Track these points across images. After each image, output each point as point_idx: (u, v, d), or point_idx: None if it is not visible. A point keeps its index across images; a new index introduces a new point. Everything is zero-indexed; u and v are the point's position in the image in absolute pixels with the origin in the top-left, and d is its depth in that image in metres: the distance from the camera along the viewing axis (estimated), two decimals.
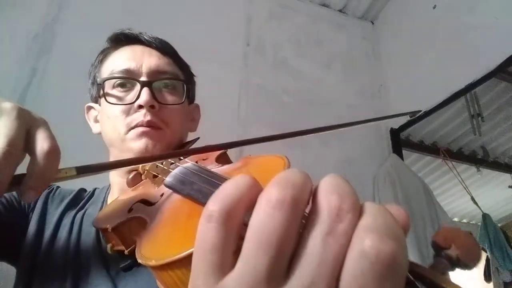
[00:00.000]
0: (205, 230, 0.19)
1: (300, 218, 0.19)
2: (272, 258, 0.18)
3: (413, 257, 1.90)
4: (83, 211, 0.65)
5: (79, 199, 0.69)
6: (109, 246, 0.49)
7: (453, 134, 3.11)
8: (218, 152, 0.51)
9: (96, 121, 0.69)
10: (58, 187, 0.70)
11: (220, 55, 1.95)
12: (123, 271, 0.53)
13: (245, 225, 0.20)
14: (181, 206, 0.39)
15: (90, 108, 0.71)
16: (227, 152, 0.54)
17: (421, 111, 0.40)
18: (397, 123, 2.17)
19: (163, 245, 0.34)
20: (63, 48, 1.62)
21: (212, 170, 0.42)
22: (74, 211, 0.65)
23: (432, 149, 3.08)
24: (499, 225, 3.69)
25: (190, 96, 0.73)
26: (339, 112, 2.12)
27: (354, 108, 2.18)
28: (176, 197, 0.41)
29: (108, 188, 0.70)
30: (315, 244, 0.18)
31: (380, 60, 2.40)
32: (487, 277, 3.14)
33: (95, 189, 0.73)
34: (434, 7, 2.00)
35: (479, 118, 2.67)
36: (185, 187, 0.39)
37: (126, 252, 0.46)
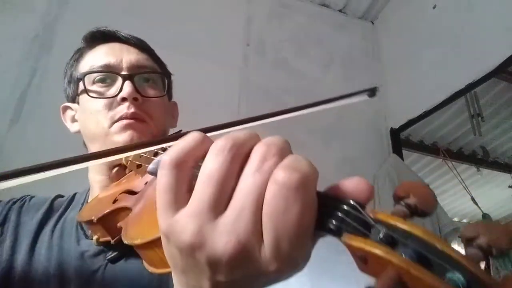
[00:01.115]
0: (159, 176, 0.25)
1: (238, 161, 0.24)
2: (214, 191, 0.23)
3: None
4: (64, 216, 0.64)
5: (57, 205, 0.67)
6: (95, 238, 0.50)
7: (453, 134, 3.11)
8: None
9: (73, 120, 0.68)
10: (32, 197, 0.69)
11: (220, 55, 1.95)
12: (111, 263, 0.53)
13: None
14: None
15: (66, 108, 0.70)
16: None
17: (377, 87, 0.40)
18: (397, 123, 2.17)
19: (147, 225, 0.35)
20: (63, 48, 1.62)
21: None
22: (54, 218, 0.63)
23: (432, 149, 3.08)
24: None
25: (169, 92, 0.73)
26: (339, 112, 2.12)
27: (354, 108, 2.18)
28: None
29: (88, 190, 0.69)
30: (246, 179, 0.23)
31: (380, 60, 2.40)
32: None
33: (75, 194, 0.72)
34: (434, 7, 2.00)
35: (479, 118, 2.67)
36: None
37: (112, 241, 0.47)
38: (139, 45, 0.68)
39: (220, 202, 0.23)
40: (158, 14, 1.89)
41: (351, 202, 0.23)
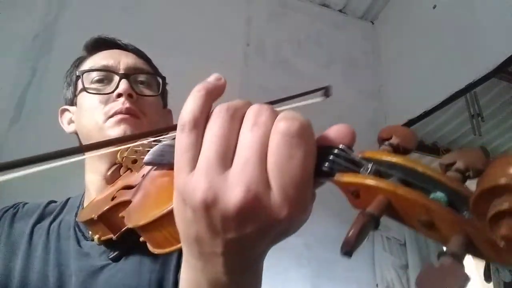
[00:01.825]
0: (180, 137, 0.27)
1: (237, 120, 0.26)
2: (218, 147, 0.25)
3: (413, 257, 1.91)
4: (58, 219, 0.65)
5: (51, 210, 0.68)
6: (96, 237, 0.50)
7: (453, 134, 3.11)
8: None
9: (70, 122, 0.70)
10: (25, 203, 0.70)
11: (220, 55, 1.95)
12: (113, 261, 0.55)
13: None
14: (162, 177, 0.41)
15: (64, 111, 0.72)
16: None
17: (329, 86, 0.40)
18: (397, 123, 2.17)
19: (150, 207, 0.36)
20: (63, 48, 1.62)
21: None
22: (47, 222, 0.64)
23: (432, 149, 3.08)
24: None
25: (164, 97, 0.74)
26: (339, 112, 2.12)
27: (354, 108, 2.18)
28: (156, 173, 0.44)
29: (83, 193, 0.69)
30: (246, 134, 0.25)
31: (380, 60, 2.40)
32: (487, 277, 3.13)
33: (68, 199, 0.72)
34: (434, 7, 2.00)
35: (479, 118, 2.67)
36: (165, 157, 0.41)
37: (114, 238, 0.48)
38: (137, 52, 0.71)
39: (225, 156, 0.25)
40: (158, 14, 1.89)
41: (340, 146, 0.25)
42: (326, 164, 0.25)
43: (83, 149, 0.39)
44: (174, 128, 0.41)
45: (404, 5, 2.29)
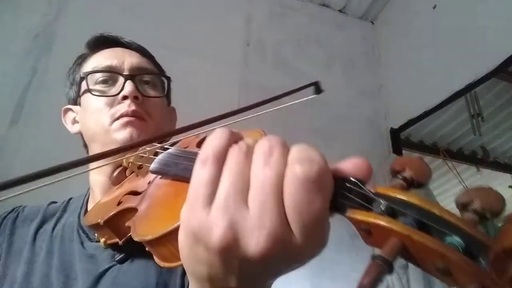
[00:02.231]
0: (200, 171, 0.26)
1: (249, 159, 0.26)
2: (237, 186, 0.25)
3: None
4: (62, 222, 0.65)
5: (52, 212, 0.67)
6: (102, 241, 0.50)
7: (453, 134, 3.11)
8: (198, 139, 0.52)
9: (74, 122, 0.69)
10: (24, 207, 0.70)
11: (220, 55, 1.95)
12: (119, 263, 0.54)
13: None
14: (168, 188, 0.41)
15: (67, 110, 0.71)
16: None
17: (318, 82, 0.39)
18: (397, 123, 2.17)
19: (156, 221, 0.36)
20: (63, 48, 1.62)
21: (194, 151, 0.43)
22: (51, 224, 0.64)
23: (432, 149, 3.07)
24: (499, 225, 3.68)
25: (169, 96, 0.74)
26: (339, 112, 2.12)
27: (354, 108, 2.18)
28: (162, 181, 0.43)
29: (86, 194, 0.69)
30: (258, 175, 0.25)
31: (380, 60, 2.40)
32: None
33: (70, 199, 0.72)
34: (434, 7, 2.00)
35: (479, 118, 2.66)
36: (171, 168, 0.41)
37: (120, 243, 0.47)
38: (141, 50, 0.70)
39: (242, 195, 0.25)
40: (158, 14, 1.89)
41: (352, 179, 0.25)
42: (339, 199, 0.24)
43: (88, 160, 0.39)
44: (176, 132, 0.41)
45: (404, 5, 2.29)
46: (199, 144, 0.52)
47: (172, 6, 1.94)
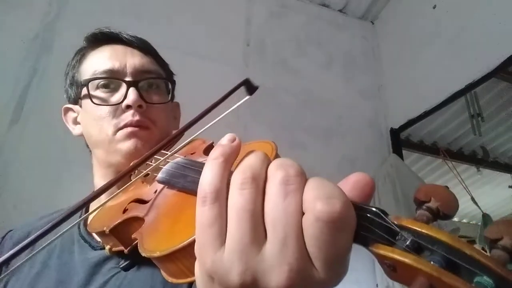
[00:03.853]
0: (201, 211, 0.25)
1: (261, 190, 0.24)
2: (251, 223, 0.23)
3: None
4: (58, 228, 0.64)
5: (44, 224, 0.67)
6: (107, 248, 0.49)
7: (453, 134, 3.11)
8: (205, 145, 0.51)
9: (76, 122, 0.67)
10: (14, 231, 0.67)
11: (220, 55, 1.95)
12: (124, 270, 0.52)
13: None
14: (176, 199, 0.40)
15: (68, 109, 0.69)
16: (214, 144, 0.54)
17: (247, 80, 0.39)
18: (397, 123, 2.17)
19: (164, 237, 0.35)
20: (63, 48, 1.62)
21: (202, 161, 0.43)
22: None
23: (432, 149, 3.08)
24: None
25: (172, 93, 0.72)
26: (339, 112, 2.12)
27: (354, 108, 2.18)
28: (169, 192, 0.43)
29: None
30: (277, 208, 0.23)
31: (380, 60, 2.40)
32: None
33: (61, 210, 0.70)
34: (434, 7, 2.00)
35: (479, 118, 2.67)
36: (179, 180, 0.40)
37: (126, 251, 0.46)
38: (143, 47, 0.66)
39: (258, 232, 0.23)
40: (158, 14, 1.89)
41: (373, 209, 0.23)
42: (361, 232, 0.23)
43: (91, 199, 0.38)
44: (182, 131, 0.41)
45: (404, 5, 2.29)
46: (206, 151, 0.51)
47: (172, 6, 1.94)
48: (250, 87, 0.46)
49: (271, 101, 1.97)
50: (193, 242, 0.28)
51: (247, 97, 0.45)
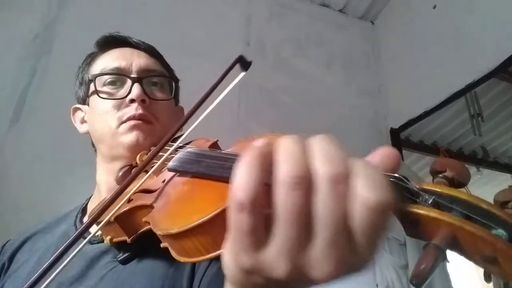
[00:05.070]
0: (239, 218, 0.23)
1: (311, 187, 0.23)
2: (300, 228, 0.22)
3: (413, 257, 1.90)
4: (54, 232, 0.65)
5: (43, 227, 0.68)
6: (108, 239, 0.49)
7: (453, 134, 3.11)
8: (209, 143, 0.52)
9: (83, 121, 0.70)
10: (11, 240, 0.69)
11: (220, 55, 1.95)
12: (122, 263, 0.53)
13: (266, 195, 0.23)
14: (187, 185, 0.41)
15: (76, 109, 0.71)
16: (219, 144, 0.55)
17: (241, 57, 0.39)
18: (397, 123, 2.17)
19: (181, 216, 0.36)
20: (63, 48, 1.62)
21: (216, 151, 0.44)
22: (42, 239, 0.64)
23: (432, 149, 3.08)
24: None
25: (177, 96, 0.74)
26: (339, 112, 2.12)
27: (354, 108, 2.18)
28: (180, 179, 0.43)
29: (84, 205, 0.69)
30: (329, 207, 0.22)
31: (380, 60, 2.40)
32: (487, 277, 3.14)
33: (68, 211, 0.71)
34: (434, 7, 2.00)
35: (479, 118, 2.67)
36: (193, 166, 0.41)
37: (128, 240, 0.47)
38: (149, 50, 0.70)
39: (306, 235, 0.23)
40: (158, 14, 1.89)
41: (397, 175, 0.25)
42: None
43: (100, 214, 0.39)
44: (187, 118, 0.41)
45: (404, 5, 2.29)
46: (211, 148, 0.52)
47: (172, 6, 1.94)
48: (244, 64, 0.48)
49: (271, 101, 1.97)
50: (212, 219, 0.29)
51: (243, 73, 0.46)
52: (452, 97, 1.84)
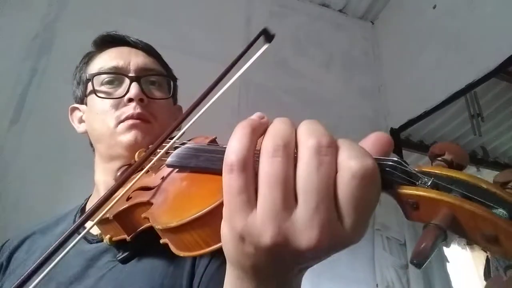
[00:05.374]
0: (229, 179, 0.25)
1: (292, 156, 0.25)
2: (282, 191, 0.24)
3: None
4: (52, 232, 0.65)
5: (41, 228, 0.68)
6: (107, 237, 0.49)
7: (453, 134, 3.11)
8: (208, 140, 0.52)
9: (81, 121, 0.69)
10: (10, 240, 0.69)
11: (220, 55, 1.95)
12: (122, 263, 0.52)
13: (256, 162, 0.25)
14: (186, 180, 0.41)
15: (74, 109, 0.71)
16: (218, 142, 0.55)
17: (265, 29, 0.39)
18: (397, 123, 2.17)
19: (180, 209, 0.36)
20: (63, 48, 1.62)
21: (214, 145, 0.44)
22: (40, 239, 0.64)
23: None
24: None
25: (175, 96, 0.74)
26: (339, 112, 2.12)
27: (354, 108, 2.18)
28: (178, 175, 0.43)
29: (83, 205, 0.69)
30: (311, 176, 0.24)
31: (380, 60, 2.40)
32: (487, 276, 3.14)
33: (66, 213, 0.71)
34: (434, 7, 2.00)
35: (479, 118, 2.66)
36: (191, 160, 0.41)
37: (128, 238, 0.46)
38: (147, 49, 0.69)
39: (290, 200, 0.24)
40: (157, 14, 1.89)
41: (395, 159, 0.25)
42: (386, 176, 0.25)
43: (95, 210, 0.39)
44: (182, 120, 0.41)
45: (404, 5, 2.29)
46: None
47: (172, 6, 1.94)
48: (268, 36, 0.48)
49: (271, 101, 1.97)
50: (211, 211, 0.30)
51: (266, 45, 0.47)
52: (452, 97, 1.84)
